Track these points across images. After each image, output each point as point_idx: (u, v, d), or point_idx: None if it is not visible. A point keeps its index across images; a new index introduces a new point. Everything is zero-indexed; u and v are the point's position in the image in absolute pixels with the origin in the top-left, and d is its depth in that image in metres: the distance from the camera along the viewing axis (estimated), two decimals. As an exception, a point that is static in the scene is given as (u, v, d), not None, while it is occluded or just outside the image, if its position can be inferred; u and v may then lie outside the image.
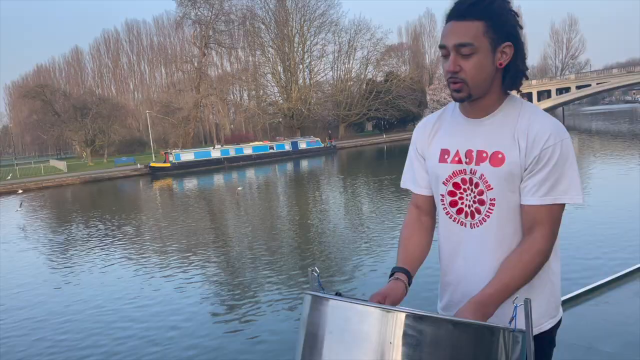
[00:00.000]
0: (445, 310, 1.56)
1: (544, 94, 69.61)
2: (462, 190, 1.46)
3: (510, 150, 1.39)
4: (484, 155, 1.42)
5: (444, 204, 1.51)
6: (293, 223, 15.43)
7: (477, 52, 1.35)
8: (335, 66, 63.62)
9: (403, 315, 1.13)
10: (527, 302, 1.18)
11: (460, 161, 1.46)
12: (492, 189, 1.41)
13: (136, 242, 14.13)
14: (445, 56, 1.40)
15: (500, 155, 1.39)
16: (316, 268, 1.45)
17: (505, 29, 1.36)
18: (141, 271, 10.60)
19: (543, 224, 1.37)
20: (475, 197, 1.44)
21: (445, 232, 1.53)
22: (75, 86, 74.80)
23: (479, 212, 1.44)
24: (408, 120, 62.07)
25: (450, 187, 1.48)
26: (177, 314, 7.72)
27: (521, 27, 1.40)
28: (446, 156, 1.48)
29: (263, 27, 62.29)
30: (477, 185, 1.43)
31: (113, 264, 11.43)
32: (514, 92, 1.47)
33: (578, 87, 67.32)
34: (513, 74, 1.40)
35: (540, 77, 79.83)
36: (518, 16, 1.41)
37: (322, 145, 47.98)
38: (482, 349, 1.14)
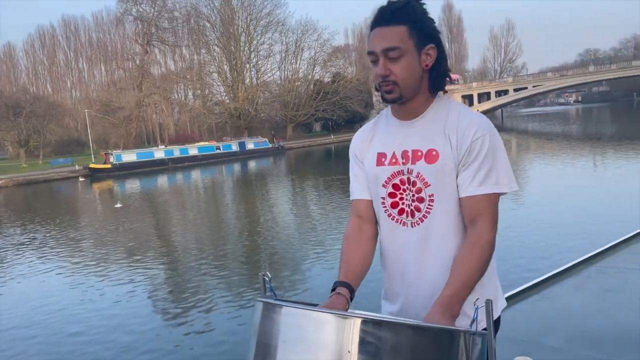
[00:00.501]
0: (398, 315, 1.53)
1: (484, 96, 72.18)
2: (401, 191, 1.49)
3: (443, 146, 1.44)
4: (419, 153, 1.46)
5: (385, 207, 1.53)
6: (242, 226, 15.15)
7: (405, 54, 1.41)
8: (283, 66, 63.44)
9: (359, 321, 1.09)
10: (489, 303, 1.15)
11: (397, 162, 1.49)
12: (429, 185, 1.45)
13: (73, 248, 13.40)
14: (374, 62, 1.44)
15: (434, 152, 1.45)
16: (267, 273, 1.40)
17: (427, 31, 1.43)
18: (78, 280, 10.00)
19: (484, 215, 1.41)
20: (414, 195, 1.48)
21: (388, 235, 1.54)
22: (7, 84, 70.70)
23: (418, 210, 1.48)
24: (355, 120, 62.67)
25: (390, 189, 1.50)
26: (122, 325, 7.31)
27: (439, 32, 1.47)
28: (383, 159, 1.52)
29: (208, 25, 61.26)
30: (414, 183, 1.47)
31: (48, 272, 10.78)
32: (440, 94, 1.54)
33: (515, 90, 70.28)
34: (438, 75, 1.47)
35: (480, 80, 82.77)
36: (434, 22, 1.48)
37: (270, 145, 47.69)
38: (443, 352, 1.11)
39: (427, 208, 1.46)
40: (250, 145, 46.39)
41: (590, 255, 4.01)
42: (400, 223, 1.50)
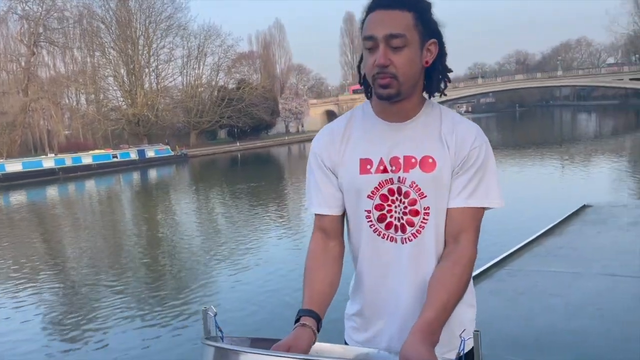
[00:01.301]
0: (375, 340, 1.37)
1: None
2: (390, 202, 1.32)
3: (440, 153, 1.30)
4: (413, 160, 1.30)
5: (370, 220, 1.34)
6: (141, 239, 14.29)
7: (408, 45, 1.23)
8: (185, 71, 61.38)
9: None
10: (477, 335, 1.04)
11: (385, 170, 1.31)
12: (425, 196, 1.30)
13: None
14: (370, 49, 1.25)
15: (430, 160, 1.30)
16: (212, 307, 1.20)
17: (431, 25, 1.28)
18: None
19: (468, 231, 1.29)
20: (406, 207, 1.31)
21: (371, 252, 1.35)
22: None
23: (411, 224, 1.31)
24: (261, 128, 62.32)
25: (378, 201, 1.32)
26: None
27: (442, 27, 1.31)
28: (368, 166, 1.32)
29: (103, 26, 57.78)
30: (407, 194, 1.30)
31: None
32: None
33: (414, 100, 74.03)
34: (438, 75, 1.33)
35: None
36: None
37: (172, 153, 45.95)
38: None
39: (421, 222, 1.31)
40: (150, 153, 44.35)
41: (500, 259, 4.12)
42: (387, 239, 1.32)
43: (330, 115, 74.35)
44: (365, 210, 1.33)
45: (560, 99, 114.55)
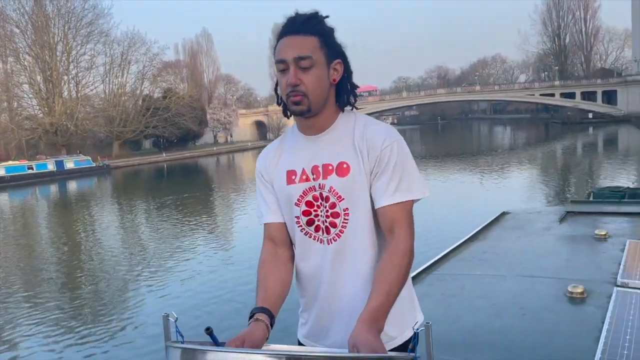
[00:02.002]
0: (314, 336, 1.50)
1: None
2: (315, 208, 1.44)
3: (353, 158, 1.42)
4: (330, 167, 1.43)
5: (300, 225, 1.47)
6: (59, 254, 13.50)
7: (315, 65, 1.38)
8: (107, 79, 58.95)
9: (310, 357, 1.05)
10: (429, 327, 1.13)
11: (308, 179, 1.45)
12: (343, 199, 1.42)
13: None
14: (283, 70, 1.39)
15: (345, 165, 1.42)
16: (173, 313, 1.25)
17: (335, 47, 1.43)
18: None
19: (401, 223, 1.39)
20: (328, 211, 1.43)
21: (304, 253, 1.48)
22: None
23: (334, 225, 1.43)
24: (189, 138, 60.93)
25: (304, 207, 1.45)
26: None
27: (345, 48, 1.46)
28: (293, 177, 1.47)
29: (17, 31, 54.45)
30: (327, 199, 1.43)
31: None
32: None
33: (342, 111, 75.36)
34: (346, 90, 1.46)
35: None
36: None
37: (94, 164, 43.87)
38: None
39: (342, 223, 1.43)
40: (69, 165, 42.10)
41: (429, 264, 4.31)
42: (317, 240, 1.45)
43: (260, 126, 74.02)
44: (295, 217, 1.47)
45: (478, 112, 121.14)
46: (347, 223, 1.42)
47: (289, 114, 1.47)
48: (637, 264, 3.48)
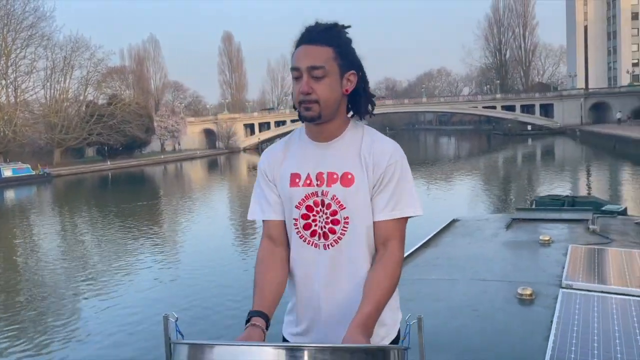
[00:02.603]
0: (303, 336, 1.54)
1: (264, 126, 75.66)
2: (314, 213, 1.49)
3: (358, 170, 1.48)
4: (335, 176, 1.48)
5: (297, 228, 1.52)
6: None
7: (328, 75, 1.43)
8: (49, 84, 56.48)
9: (306, 351, 1.07)
10: (420, 320, 1.21)
11: (311, 184, 1.49)
12: (345, 208, 1.47)
13: None
14: (297, 78, 1.45)
15: (350, 176, 1.47)
16: (173, 313, 1.27)
17: (350, 58, 1.48)
18: None
19: (394, 238, 1.47)
20: (328, 217, 1.49)
21: (298, 256, 1.53)
22: None
23: (333, 232, 1.49)
24: (135, 146, 59.22)
25: (304, 210, 1.50)
26: None
27: (361, 60, 1.52)
28: (297, 180, 1.51)
29: (-49, 32, 51.48)
30: (329, 206, 1.48)
31: None
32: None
33: (292, 121, 75.36)
34: (358, 101, 1.52)
35: (261, 110, 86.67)
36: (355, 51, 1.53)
37: (34, 172, 41.88)
38: None
39: (342, 230, 1.48)
40: (7, 173, 40.02)
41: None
42: (312, 245, 1.50)
43: (209, 134, 72.97)
44: (294, 219, 1.51)
45: (424, 123, 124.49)
46: (346, 231, 1.48)
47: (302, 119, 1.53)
48: (580, 267, 3.72)
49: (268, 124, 75.75)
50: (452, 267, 4.16)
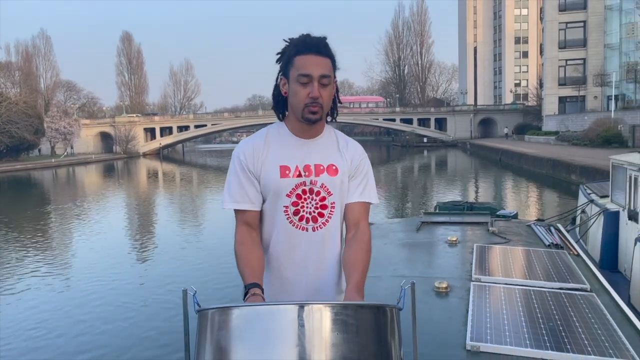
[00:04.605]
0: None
1: (166, 130, 73.07)
2: (303, 200, 1.72)
3: (340, 162, 1.77)
4: (322, 167, 1.73)
5: (287, 214, 1.73)
6: None
7: (330, 83, 1.69)
8: None
9: (322, 306, 1.22)
10: (413, 285, 1.43)
11: (300, 175, 1.72)
12: (332, 194, 1.74)
13: None
14: (305, 83, 1.65)
15: (334, 167, 1.75)
16: (192, 287, 1.38)
17: (335, 69, 1.74)
18: None
19: (364, 218, 1.79)
20: (317, 203, 1.73)
21: (286, 240, 1.74)
22: None
23: (322, 215, 1.74)
24: (22, 148, 54.38)
25: (294, 198, 1.72)
26: None
27: None
28: (287, 172, 1.71)
29: None
30: (318, 193, 1.73)
31: None
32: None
33: (196, 126, 73.62)
34: (336, 105, 1.81)
35: (162, 114, 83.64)
36: None
37: None
38: (382, 323, 1.31)
39: (329, 214, 1.75)
40: None
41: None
42: (299, 228, 1.73)
43: (105, 138, 68.97)
44: (284, 206, 1.72)
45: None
46: (332, 214, 1.75)
47: (281, 117, 1.79)
48: (485, 263, 4.14)
49: (170, 128, 73.26)
50: (374, 265, 4.42)
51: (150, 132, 72.35)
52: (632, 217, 5.89)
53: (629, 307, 3.56)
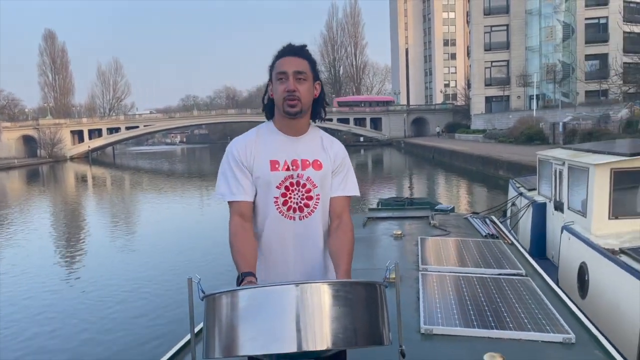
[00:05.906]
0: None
1: (95, 133, 70.04)
2: (291, 192, 1.88)
3: (324, 158, 1.94)
4: (307, 162, 1.91)
5: (277, 205, 1.88)
6: None
7: (307, 79, 1.87)
8: None
9: (321, 284, 1.38)
10: (397, 266, 1.62)
11: (288, 169, 1.88)
12: (317, 187, 1.92)
13: None
14: (281, 79, 1.84)
15: (319, 162, 1.92)
16: (197, 275, 1.47)
17: (316, 72, 1.93)
18: None
19: (346, 210, 1.98)
20: (303, 195, 1.90)
21: (275, 228, 1.89)
22: None
23: (307, 206, 1.91)
24: None
25: (283, 190, 1.88)
26: None
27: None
28: (277, 165, 1.87)
29: None
30: (304, 185, 1.90)
31: None
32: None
33: (127, 128, 71.03)
34: (321, 106, 1.99)
35: (89, 116, 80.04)
36: None
37: None
38: (373, 297, 1.47)
39: (314, 205, 1.92)
40: None
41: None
42: (287, 217, 1.89)
43: (29, 141, 65.03)
44: (274, 197, 1.88)
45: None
46: (317, 205, 1.92)
47: (270, 117, 1.95)
48: (430, 254, 4.38)
49: (99, 130, 70.27)
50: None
51: (78, 135, 69.08)
52: (557, 207, 6.37)
53: (559, 288, 3.90)
